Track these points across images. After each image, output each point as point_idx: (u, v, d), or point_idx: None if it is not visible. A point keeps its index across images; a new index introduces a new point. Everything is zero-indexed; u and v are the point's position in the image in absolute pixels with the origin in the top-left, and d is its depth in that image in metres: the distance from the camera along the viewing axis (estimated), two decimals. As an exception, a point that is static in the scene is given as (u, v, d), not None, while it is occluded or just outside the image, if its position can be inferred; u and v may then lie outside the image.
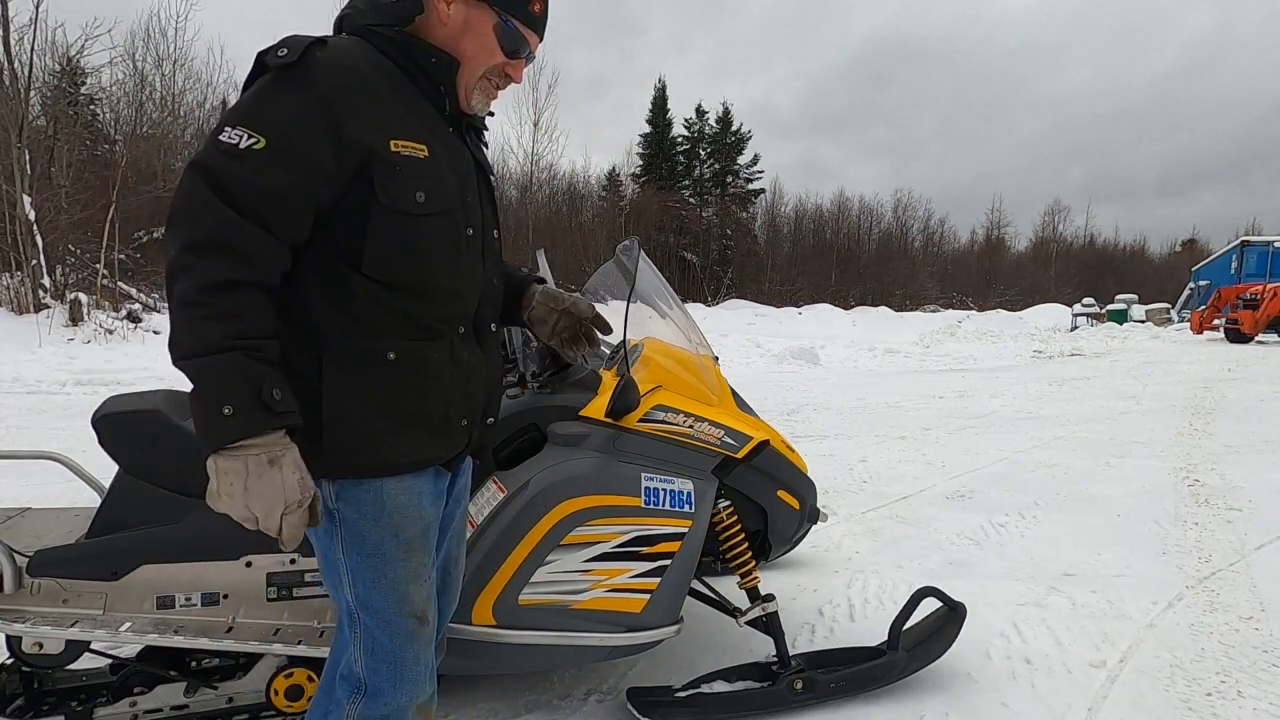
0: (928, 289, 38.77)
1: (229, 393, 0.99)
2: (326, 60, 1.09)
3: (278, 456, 1.01)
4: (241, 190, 1.03)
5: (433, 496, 1.26)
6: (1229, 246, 28.33)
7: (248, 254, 1.03)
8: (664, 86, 38.08)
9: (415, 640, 1.23)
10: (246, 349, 1.01)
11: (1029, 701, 2.09)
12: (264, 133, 1.05)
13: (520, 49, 1.24)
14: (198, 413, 1.00)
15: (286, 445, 1.03)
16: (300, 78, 1.07)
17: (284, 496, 1.01)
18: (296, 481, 1.03)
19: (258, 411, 1.00)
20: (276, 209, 1.05)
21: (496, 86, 1.27)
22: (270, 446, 1.01)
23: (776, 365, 12.32)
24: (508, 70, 1.25)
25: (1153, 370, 11.30)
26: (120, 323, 13.17)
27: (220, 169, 1.03)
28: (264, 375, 1.02)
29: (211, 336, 0.99)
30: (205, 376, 0.99)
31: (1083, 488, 4.41)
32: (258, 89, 1.08)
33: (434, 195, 1.17)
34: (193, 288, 1.00)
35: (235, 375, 0.99)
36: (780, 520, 2.18)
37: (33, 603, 1.69)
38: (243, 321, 1.01)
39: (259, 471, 1.00)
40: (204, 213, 1.02)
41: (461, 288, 1.24)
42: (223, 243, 1.01)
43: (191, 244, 1.01)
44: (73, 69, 17.88)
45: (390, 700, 1.23)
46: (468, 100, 1.25)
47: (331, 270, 1.14)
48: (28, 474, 4.14)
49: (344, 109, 1.08)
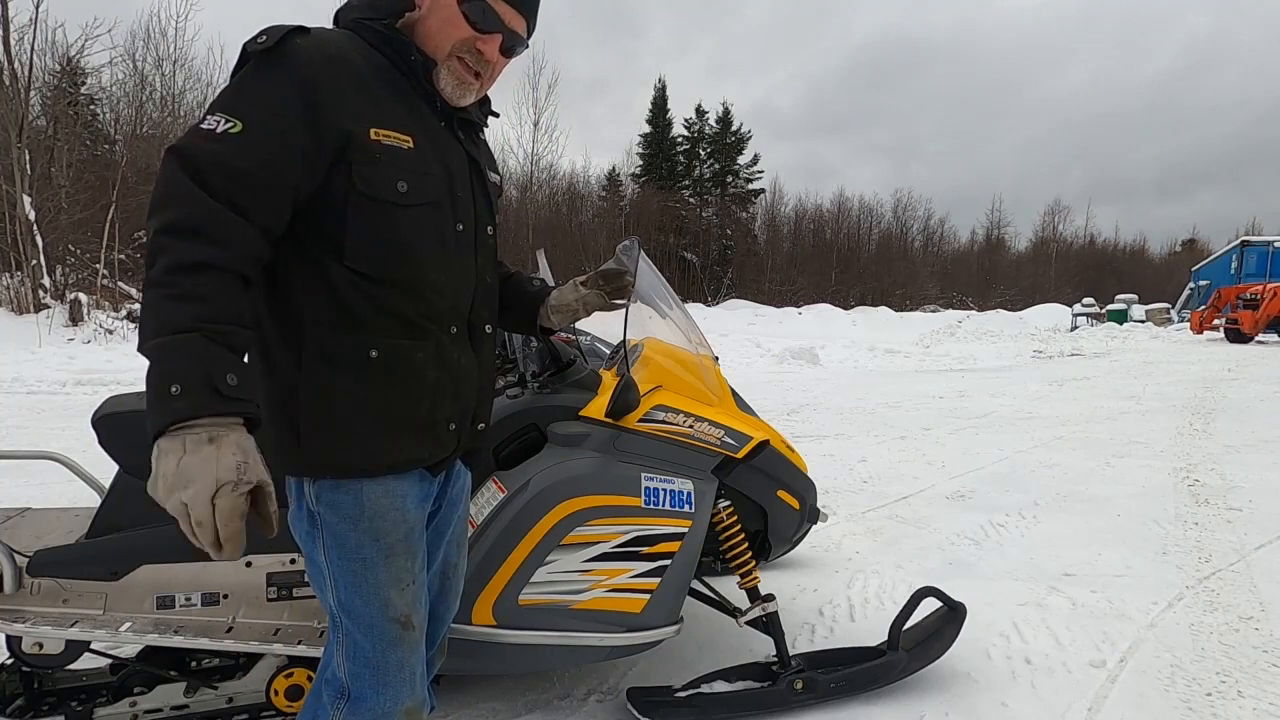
0: (928, 289, 38.80)
1: (179, 373, 0.92)
2: (306, 45, 1.09)
3: (219, 435, 0.91)
4: (214, 173, 1.00)
5: (417, 500, 1.22)
6: (1229, 246, 28.33)
7: (219, 237, 0.99)
8: (664, 87, 38.18)
9: (399, 646, 1.20)
10: (209, 332, 0.95)
11: (1029, 701, 2.09)
12: (240, 116, 1.03)
13: (488, 24, 1.18)
14: (148, 394, 0.93)
15: (232, 427, 0.93)
16: (277, 62, 1.06)
17: (216, 474, 0.89)
18: (234, 463, 0.90)
19: (207, 394, 0.92)
20: (250, 192, 1.03)
21: (469, 69, 1.20)
22: (213, 427, 0.92)
23: (776, 365, 12.31)
24: (479, 46, 1.19)
25: (1153, 370, 11.29)
26: (120, 323, 13.17)
27: (195, 153, 1.01)
28: (221, 358, 0.95)
29: (175, 316, 0.94)
30: (160, 355, 0.93)
31: (1083, 488, 4.41)
32: (238, 76, 1.09)
33: (418, 187, 1.15)
34: (161, 268, 0.96)
35: (191, 355, 0.93)
36: (780, 520, 2.18)
37: (33, 603, 1.69)
38: (208, 304, 0.96)
39: (195, 448, 0.89)
40: (178, 195, 0.99)
41: (451, 284, 1.22)
42: (194, 225, 0.98)
43: (164, 226, 0.99)
44: (73, 69, 17.89)
45: (374, 706, 1.20)
46: (442, 89, 1.21)
47: (314, 261, 1.12)
48: (28, 474, 4.14)
49: (322, 94, 1.07)
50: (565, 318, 1.54)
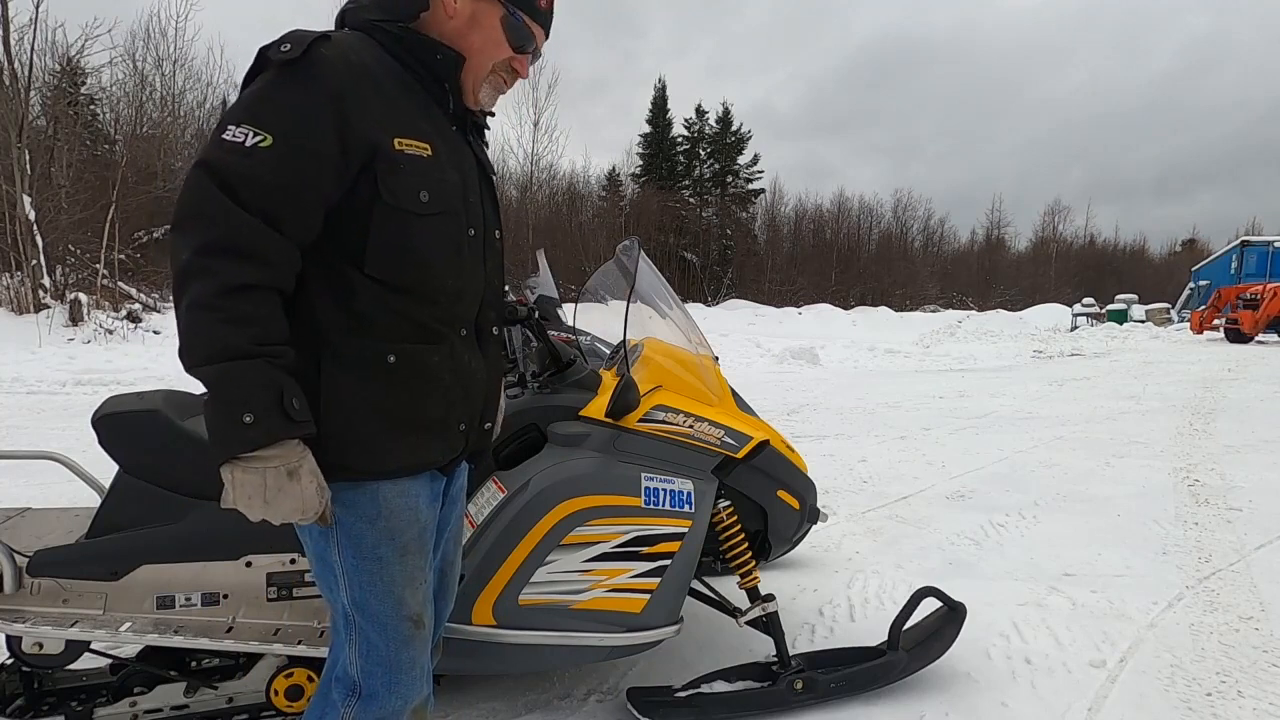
0: (928, 289, 38.79)
1: (251, 400, 0.97)
2: (332, 55, 1.07)
3: (296, 468, 1.02)
4: (250, 190, 1.01)
5: (429, 499, 1.24)
6: (1229, 246, 28.31)
7: (261, 256, 1.01)
8: (664, 87, 38.14)
9: (411, 644, 1.22)
10: (269, 355, 1.00)
11: (1029, 701, 2.09)
12: (270, 130, 1.03)
13: (527, 43, 1.23)
14: (215, 419, 0.98)
15: (303, 455, 1.03)
16: (305, 73, 1.05)
17: (303, 508, 1.03)
18: (315, 490, 1.04)
19: (279, 419, 0.99)
20: (286, 208, 1.03)
21: (505, 82, 1.26)
22: (288, 458, 1.01)
23: (776, 365, 12.31)
24: (514, 65, 1.24)
25: (1153, 370, 11.29)
26: (120, 323, 13.18)
27: (228, 168, 1.00)
28: (285, 382, 1.01)
29: (233, 341, 0.97)
30: (225, 382, 0.97)
31: (1083, 488, 4.41)
32: (261, 85, 1.06)
33: (437, 195, 1.16)
34: (208, 291, 0.97)
35: (258, 381, 0.98)
36: (780, 520, 2.18)
37: (33, 603, 1.69)
38: (262, 326, 1.00)
39: (278, 485, 1.01)
40: (215, 214, 0.99)
41: (463, 289, 1.23)
42: (235, 245, 0.99)
43: (203, 246, 0.98)
44: (73, 69, 17.89)
45: (385, 704, 1.22)
46: (475, 96, 1.23)
47: (334, 269, 1.12)
48: (28, 474, 4.14)
49: (350, 105, 1.07)
50: None
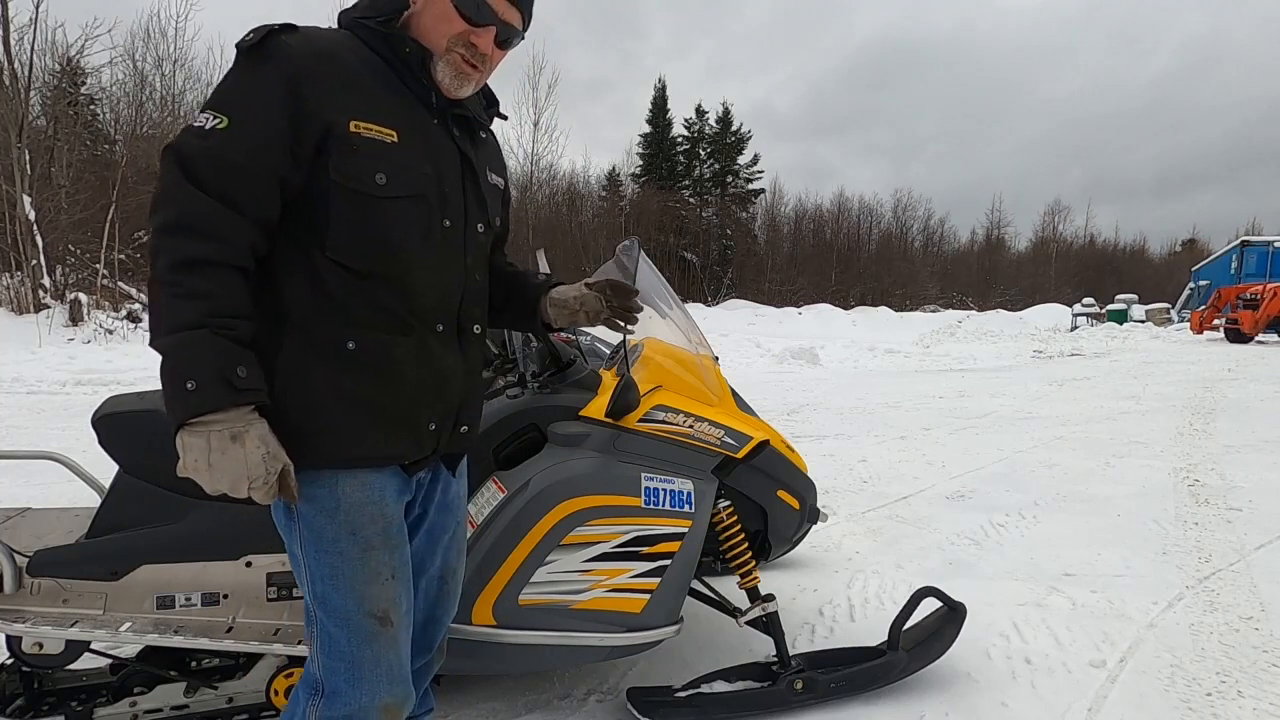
0: (928, 289, 38.80)
1: (193, 368, 1.01)
2: (292, 41, 1.11)
3: (240, 432, 1.02)
4: (206, 169, 1.05)
5: (395, 494, 1.22)
6: (1229, 246, 28.32)
7: (215, 232, 1.05)
8: (664, 87, 38.23)
9: (375, 641, 1.20)
10: (216, 326, 1.02)
11: (1029, 701, 2.09)
12: (226, 112, 1.08)
13: (481, 16, 1.18)
14: (165, 388, 1.02)
15: (250, 421, 1.04)
16: (261, 57, 1.09)
17: (247, 472, 1.03)
18: (260, 457, 1.03)
19: (220, 387, 1.01)
20: (241, 185, 1.07)
21: (466, 61, 1.20)
22: (233, 422, 1.02)
23: (776, 365, 12.31)
24: (472, 40, 1.19)
25: (1153, 370, 11.29)
26: (120, 323, 13.19)
27: (189, 151, 1.05)
28: (230, 351, 1.03)
29: (184, 314, 1.02)
30: (175, 352, 1.01)
31: (1083, 488, 4.41)
32: (226, 73, 1.12)
33: (398, 179, 1.16)
34: (164, 267, 1.03)
35: (201, 351, 1.01)
36: (780, 520, 2.18)
37: (33, 603, 1.69)
38: (212, 300, 1.03)
39: (221, 448, 1.01)
40: (175, 195, 1.04)
41: (437, 281, 1.22)
42: (190, 222, 1.04)
43: (163, 225, 1.04)
44: (73, 69, 17.89)
45: (349, 701, 1.19)
46: (439, 81, 1.21)
47: (298, 252, 1.14)
48: (28, 474, 4.14)
49: (307, 86, 1.10)
50: (561, 316, 1.50)
